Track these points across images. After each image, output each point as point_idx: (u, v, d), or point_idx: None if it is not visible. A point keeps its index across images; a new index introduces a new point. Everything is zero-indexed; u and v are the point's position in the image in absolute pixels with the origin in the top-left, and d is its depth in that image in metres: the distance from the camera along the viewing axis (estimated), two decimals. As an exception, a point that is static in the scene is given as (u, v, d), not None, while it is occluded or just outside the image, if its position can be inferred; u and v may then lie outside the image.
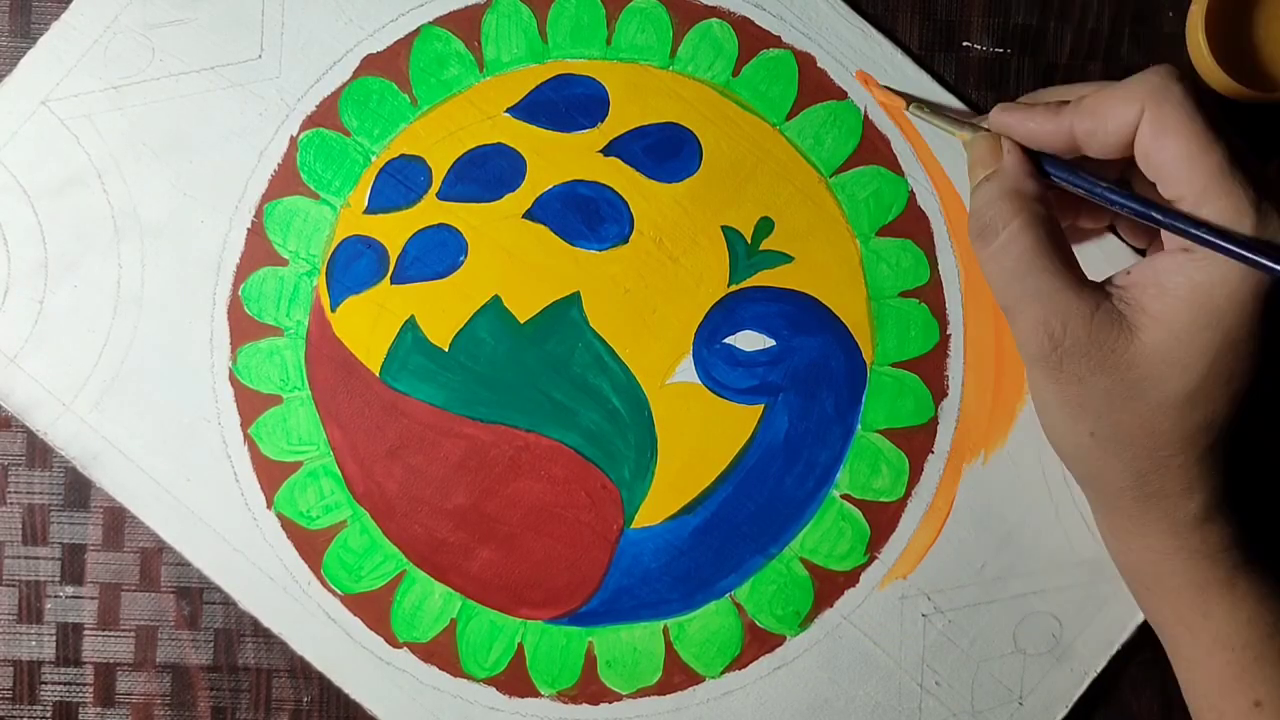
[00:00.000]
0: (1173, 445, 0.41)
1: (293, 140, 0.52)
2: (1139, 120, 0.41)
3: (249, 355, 0.52)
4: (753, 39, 0.53)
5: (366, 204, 0.52)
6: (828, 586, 0.52)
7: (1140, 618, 0.52)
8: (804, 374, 0.52)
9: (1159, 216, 0.41)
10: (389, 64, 0.52)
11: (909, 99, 0.51)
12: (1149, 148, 0.41)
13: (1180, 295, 0.40)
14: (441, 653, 0.52)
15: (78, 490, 0.52)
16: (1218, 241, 0.39)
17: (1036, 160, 0.44)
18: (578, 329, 0.52)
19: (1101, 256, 0.52)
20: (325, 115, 0.52)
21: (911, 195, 0.53)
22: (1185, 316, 0.40)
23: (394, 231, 0.52)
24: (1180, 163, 0.40)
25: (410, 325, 0.52)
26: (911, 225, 0.53)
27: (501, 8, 0.53)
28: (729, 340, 0.52)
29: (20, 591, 0.52)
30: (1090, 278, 0.43)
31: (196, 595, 0.52)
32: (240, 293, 0.52)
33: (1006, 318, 0.44)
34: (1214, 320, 0.40)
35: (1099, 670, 0.52)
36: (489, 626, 0.52)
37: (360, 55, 0.52)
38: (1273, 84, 0.53)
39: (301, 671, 0.52)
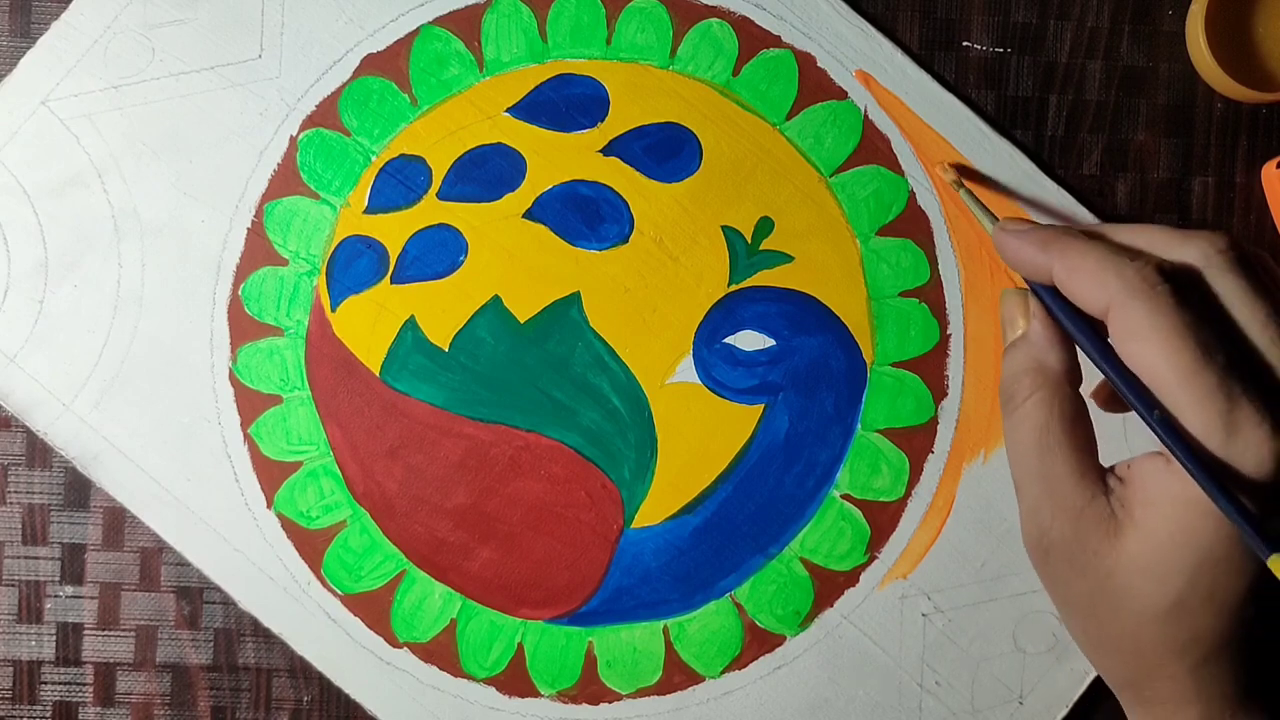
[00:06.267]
0: (1159, 656, 0.38)
1: (293, 140, 0.52)
2: (1109, 309, 0.37)
3: (249, 355, 0.52)
4: (753, 39, 0.53)
5: (366, 204, 0.52)
6: (828, 586, 0.52)
7: (1140, 617, 0.52)
8: (804, 374, 0.52)
9: (1141, 412, 0.36)
10: (389, 64, 0.52)
11: (959, 182, 0.50)
12: (1117, 340, 0.36)
13: (1160, 505, 0.36)
14: (441, 653, 0.52)
15: (78, 490, 0.52)
16: (1182, 459, 0.35)
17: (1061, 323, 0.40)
18: (578, 329, 0.52)
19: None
20: (325, 115, 0.52)
21: (911, 195, 0.53)
22: (1163, 529, 0.36)
23: (394, 231, 0.52)
24: (1148, 367, 0.35)
25: (410, 325, 0.52)
26: (911, 225, 0.53)
27: (501, 8, 0.53)
28: (729, 340, 0.52)
29: (20, 591, 0.52)
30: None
31: (196, 595, 0.52)
32: (240, 293, 0.52)
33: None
34: (1190, 539, 0.36)
35: (1099, 670, 0.52)
36: (489, 626, 0.52)
37: (360, 55, 0.52)
38: (1273, 83, 0.53)
39: (301, 671, 0.52)
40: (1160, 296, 0.35)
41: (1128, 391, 0.36)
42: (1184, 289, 0.36)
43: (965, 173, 0.52)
